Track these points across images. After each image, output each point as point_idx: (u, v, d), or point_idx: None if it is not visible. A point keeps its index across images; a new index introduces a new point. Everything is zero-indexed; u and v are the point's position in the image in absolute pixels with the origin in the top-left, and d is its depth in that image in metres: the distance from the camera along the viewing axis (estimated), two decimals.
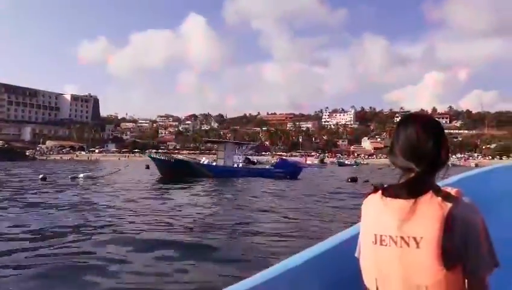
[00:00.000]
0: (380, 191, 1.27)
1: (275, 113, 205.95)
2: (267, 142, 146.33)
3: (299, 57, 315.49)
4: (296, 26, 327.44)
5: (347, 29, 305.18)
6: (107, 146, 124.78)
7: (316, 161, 63.72)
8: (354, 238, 1.42)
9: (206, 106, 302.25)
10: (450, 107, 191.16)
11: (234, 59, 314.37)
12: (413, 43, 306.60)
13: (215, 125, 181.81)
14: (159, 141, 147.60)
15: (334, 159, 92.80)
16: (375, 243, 1.23)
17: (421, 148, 1.22)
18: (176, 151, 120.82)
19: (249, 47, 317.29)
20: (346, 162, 79.58)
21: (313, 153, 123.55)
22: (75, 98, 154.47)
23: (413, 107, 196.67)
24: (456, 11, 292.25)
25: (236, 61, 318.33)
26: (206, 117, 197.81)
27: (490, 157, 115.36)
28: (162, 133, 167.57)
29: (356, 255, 1.36)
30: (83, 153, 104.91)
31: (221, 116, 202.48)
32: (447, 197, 1.16)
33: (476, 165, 73.08)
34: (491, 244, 1.18)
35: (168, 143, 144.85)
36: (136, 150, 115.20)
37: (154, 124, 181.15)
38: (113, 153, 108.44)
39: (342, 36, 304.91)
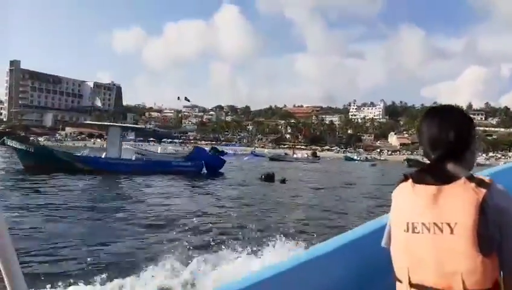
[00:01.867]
0: (410, 179, 1.27)
1: (301, 106, 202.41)
2: (287, 135, 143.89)
3: (334, 48, 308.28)
4: (331, 17, 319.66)
5: (383, 21, 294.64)
6: (126, 134, 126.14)
7: (307, 155, 61.59)
8: (381, 229, 1.42)
9: (236, 97, 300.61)
10: (487, 103, 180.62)
11: (267, 50, 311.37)
12: (453, 35, 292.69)
13: (239, 117, 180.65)
14: (181, 131, 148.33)
15: (356, 155, 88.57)
16: (407, 230, 1.22)
17: (440, 137, 1.25)
18: (193, 141, 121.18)
19: (282, 37, 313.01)
20: (355, 157, 75.72)
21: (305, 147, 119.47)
22: (97, 85, 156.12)
23: (449, 101, 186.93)
24: (501, 1, 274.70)
25: (269, 52, 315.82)
26: (232, 108, 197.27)
27: None
28: (185, 123, 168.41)
29: (383, 244, 1.36)
30: (98, 140, 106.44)
31: (247, 107, 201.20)
32: (480, 183, 1.15)
33: None
34: None
35: (189, 133, 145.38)
36: (152, 139, 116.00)
37: (179, 114, 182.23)
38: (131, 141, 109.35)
39: (378, 28, 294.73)
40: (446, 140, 1.24)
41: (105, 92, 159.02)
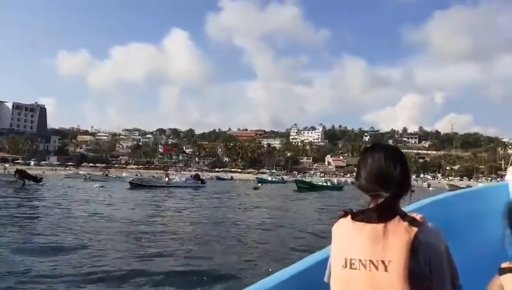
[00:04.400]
0: (349, 216, 1.32)
1: (246, 130, 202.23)
2: (226, 159, 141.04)
3: (282, 75, 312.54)
4: (279, 45, 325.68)
5: (329, 50, 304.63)
6: (48, 159, 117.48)
7: (184, 178, 44.85)
8: (323, 263, 1.44)
9: (184, 121, 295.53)
10: (421, 127, 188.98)
11: (217, 76, 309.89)
12: (393, 65, 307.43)
13: (181, 140, 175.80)
14: (112, 155, 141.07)
15: (290, 177, 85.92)
16: (345, 266, 1.26)
17: (389, 174, 1.28)
18: (124, 166, 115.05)
19: (232, 64, 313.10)
20: (269, 178, 72.71)
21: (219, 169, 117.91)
22: (17, 106, 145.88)
23: (388, 127, 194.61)
24: (434, 36, 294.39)
25: (220, 78, 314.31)
26: (175, 132, 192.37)
27: (449, 178, 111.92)
28: (120, 146, 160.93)
29: (325, 279, 1.38)
30: (11, 165, 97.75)
31: (191, 130, 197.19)
32: (412, 221, 1.22)
33: (428, 186, 69.47)
34: (454, 268, 1.26)
35: (120, 157, 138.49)
36: (83, 164, 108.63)
37: (114, 138, 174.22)
38: (55, 166, 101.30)
39: (324, 57, 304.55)
40: (398, 178, 1.28)
41: (27, 113, 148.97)
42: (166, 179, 40.57)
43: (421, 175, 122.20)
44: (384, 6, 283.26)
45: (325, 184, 50.04)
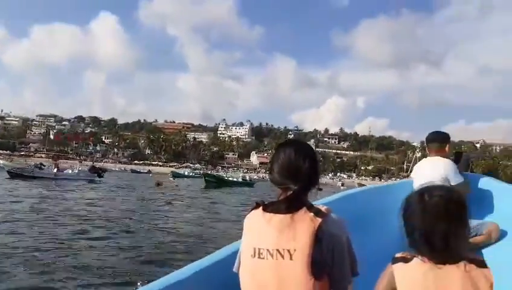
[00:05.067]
0: (261, 207, 1.38)
1: (173, 122, 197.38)
2: (148, 151, 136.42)
3: (214, 69, 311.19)
4: (213, 38, 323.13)
5: (262, 48, 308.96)
6: None
7: (80, 168, 36.81)
8: (235, 255, 1.49)
9: (108, 109, 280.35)
10: (341, 129, 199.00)
11: (147, 64, 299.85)
12: (321, 67, 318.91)
13: (102, 129, 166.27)
14: (22, 142, 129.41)
15: (214, 172, 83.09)
16: (254, 256, 1.32)
17: (298, 168, 1.35)
18: (32, 154, 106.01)
19: (163, 54, 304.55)
20: (186, 172, 71.79)
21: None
22: None
23: (311, 127, 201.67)
24: (360, 42, 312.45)
25: (149, 67, 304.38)
26: (95, 120, 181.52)
27: (362, 177, 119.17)
28: (32, 133, 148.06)
29: (234, 269, 1.43)
30: None
31: (113, 120, 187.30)
32: (318, 212, 1.30)
33: (342, 185, 72.89)
34: (353, 257, 1.36)
35: (30, 145, 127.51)
36: None
37: (25, 123, 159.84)
38: None
39: (256, 54, 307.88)
40: (307, 172, 1.35)
41: None
42: (55, 169, 33.97)
43: (338, 174, 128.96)
44: (318, 9, 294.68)
45: (235, 179, 48.40)
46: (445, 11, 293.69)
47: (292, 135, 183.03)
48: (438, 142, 3.23)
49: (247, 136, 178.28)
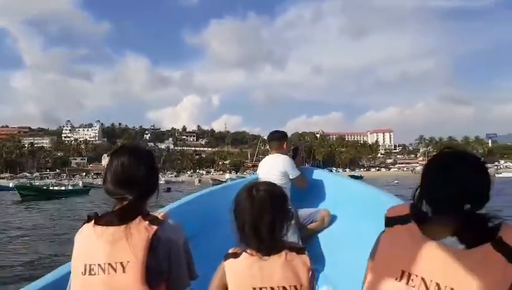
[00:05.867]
0: (93, 221, 1.31)
1: (6, 126, 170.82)
2: None
3: (57, 67, 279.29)
4: (52, 32, 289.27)
5: (111, 45, 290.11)
6: None
7: None
8: (69, 275, 1.40)
9: None
10: (199, 126, 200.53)
11: None
12: (175, 66, 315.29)
13: None
14: None
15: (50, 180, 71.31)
16: (85, 273, 1.25)
17: (133, 176, 1.30)
18: None
19: None
20: (10, 184, 61.02)
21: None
22: None
23: (169, 126, 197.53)
24: (211, 42, 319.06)
25: None
26: None
27: (222, 172, 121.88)
28: None
29: None
30: None
31: None
32: (153, 220, 1.27)
33: (199, 181, 71.92)
34: (191, 260, 1.38)
35: None
36: None
37: None
38: None
39: (105, 51, 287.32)
40: (143, 180, 1.31)
41: None
42: None
43: (197, 171, 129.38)
44: (165, 7, 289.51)
45: (62, 188, 39.77)
46: (285, 16, 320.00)
47: (149, 135, 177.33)
48: (277, 140, 3.49)
49: (97, 138, 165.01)
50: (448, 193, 1.09)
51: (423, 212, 1.13)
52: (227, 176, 63.03)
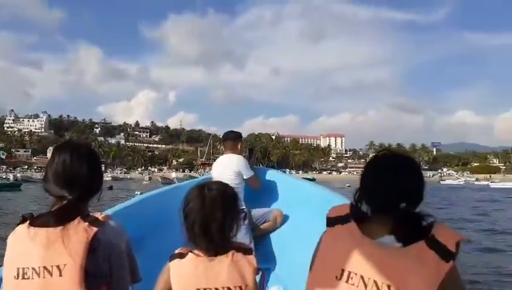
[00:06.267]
0: (27, 222, 1.24)
1: None
2: None
3: (2, 53, 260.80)
4: (0, 17, 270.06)
5: (64, 33, 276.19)
6: None
7: None
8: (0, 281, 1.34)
9: None
10: (153, 122, 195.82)
11: None
12: (131, 60, 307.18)
13: None
14: None
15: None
16: (17, 277, 1.19)
17: (75, 175, 1.25)
18: None
19: None
20: None
21: None
22: None
23: (122, 120, 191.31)
24: (170, 37, 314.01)
25: None
26: None
27: (175, 170, 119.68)
28: None
29: None
30: None
31: None
32: (93, 221, 1.21)
33: (150, 179, 69.97)
34: (134, 262, 1.34)
35: None
36: None
37: None
38: None
39: (57, 39, 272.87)
40: (85, 179, 1.26)
41: None
42: None
43: (149, 168, 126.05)
44: None
45: None
46: (246, 16, 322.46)
47: (99, 128, 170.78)
48: (231, 140, 3.49)
49: (43, 130, 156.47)
50: (385, 193, 1.14)
51: (363, 212, 1.17)
52: (173, 175, 61.19)
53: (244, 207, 3.14)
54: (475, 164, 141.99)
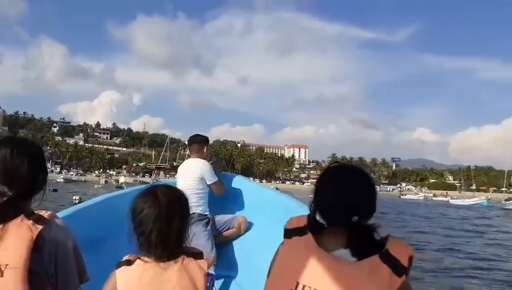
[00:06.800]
0: None
1: None
2: None
3: None
4: None
5: (24, 26, 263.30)
6: None
7: None
8: None
9: None
10: (114, 124, 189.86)
11: None
12: (95, 59, 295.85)
13: None
14: None
15: None
16: None
17: (15, 171, 1.21)
18: None
19: None
20: None
21: None
22: None
23: (82, 120, 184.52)
24: (137, 38, 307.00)
25: None
26: None
27: (135, 173, 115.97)
28: None
29: None
30: None
31: None
32: (38, 220, 1.17)
33: (106, 182, 67.09)
34: (82, 262, 1.30)
35: None
36: None
37: None
38: None
39: (16, 32, 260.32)
40: (26, 175, 1.22)
41: None
42: None
43: (107, 171, 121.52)
44: None
45: None
46: (216, 23, 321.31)
47: (57, 128, 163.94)
48: (197, 144, 3.45)
49: None
50: (336, 205, 1.13)
51: (320, 224, 1.15)
52: (121, 179, 58.10)
53: (207, 213, 3.15)
54: (432, 180, 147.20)
